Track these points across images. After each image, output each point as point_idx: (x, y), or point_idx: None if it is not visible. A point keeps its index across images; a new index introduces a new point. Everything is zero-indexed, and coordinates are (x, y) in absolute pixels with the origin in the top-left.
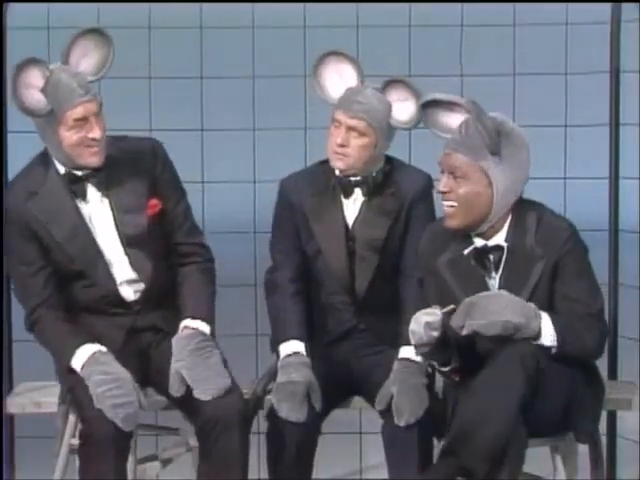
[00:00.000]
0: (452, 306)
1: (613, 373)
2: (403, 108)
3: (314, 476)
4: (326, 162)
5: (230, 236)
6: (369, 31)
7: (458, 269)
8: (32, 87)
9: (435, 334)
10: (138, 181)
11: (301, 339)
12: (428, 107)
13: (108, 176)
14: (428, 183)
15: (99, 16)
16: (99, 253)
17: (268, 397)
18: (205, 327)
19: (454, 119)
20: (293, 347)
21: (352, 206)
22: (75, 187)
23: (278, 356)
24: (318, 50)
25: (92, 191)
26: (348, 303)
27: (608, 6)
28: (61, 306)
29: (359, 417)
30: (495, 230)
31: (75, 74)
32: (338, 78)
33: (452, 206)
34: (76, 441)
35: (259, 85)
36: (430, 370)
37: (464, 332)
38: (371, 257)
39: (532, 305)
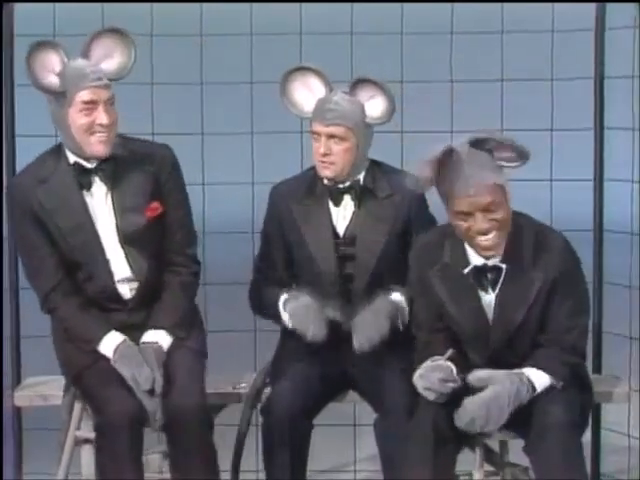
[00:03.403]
0: (451, 350)
1: (598, 367)
2: (374, 105)
3: (309, 467)
4: (315, 167)
5: (229, 236)
6: (363, 38)
7: (451, 282)
8: (48, 70)
9: (452, 385)
10: (142, 182)
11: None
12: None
13: (115, 173)
14: None
15: (103, 24)
16: (100, 248)
17: (266, 391)
18: (165, 337)
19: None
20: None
21: (342, 212)
22: (82, 178)
23: (284, 324)
24: (314, 56)
25: (98, 185)
26: (343, 306)
27: (593, 14)
28: (74, 291)
29: (353, 409)
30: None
31: (92, 64)
32: (308, 92)
33: (494, 235)
34: (81, 433)
35: (257, 90)
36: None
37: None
38: (369, 261)
39: (523, 379)
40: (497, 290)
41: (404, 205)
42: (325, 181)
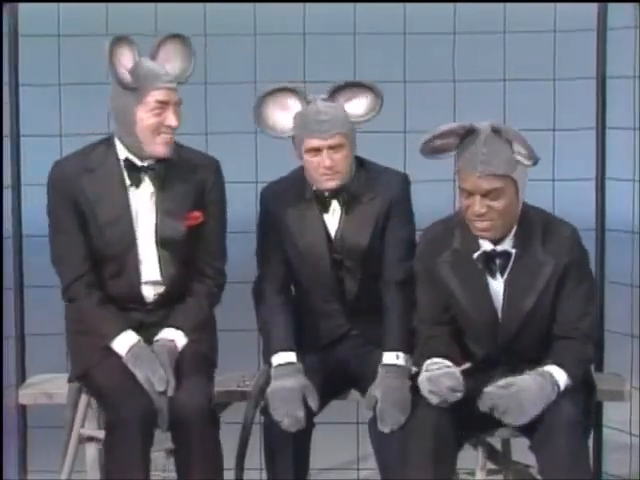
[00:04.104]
0: (468, 364)
1: (599, 365)
2: (356, 104)
3: (312, 466)
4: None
5: (233, 235)
6: (365, 38)
7: (460, 270)
8: (123, 66)
9: (459, 395)
10: (188, 189)
11: (291, 349)
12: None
13: (164, 175)
14: (404, 184)
15: (107, 24)
16: (134, 247)
17: (269, 389)
18: (181, 338)
19: (451, 141)
20: (285, 358)
21: (332, 217)
22: (132, 175)
23: (270, 366)
24: (316, 56)
25: (146, 184)
26: (340, 310)
27: (595, 14)
28: (98, 285)
29: (356, 407)
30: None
31: (163, 66)
32: (282, 112)
33: (489, 221)
34: (85, 431)
35: (261, 90)
36: (414, 371)
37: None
38: (356, 267)
39: (547, 377)
40: (506, 275)
41: (385, 205)
42: (314, 187)
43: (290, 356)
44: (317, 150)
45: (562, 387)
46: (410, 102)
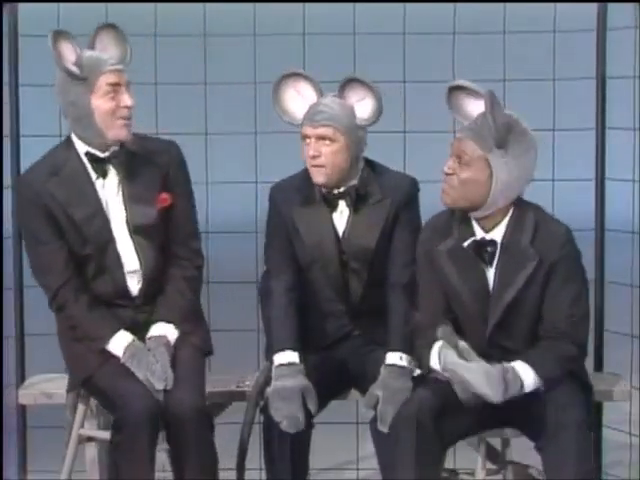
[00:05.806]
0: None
1: (599, 365)
2: (363, 106)
3: (312, 466)
4: None
5: (233, 235)
6: (365, 38)
7: (458, 259)
8: (66, 60)
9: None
10: (152, 175)
11: (294, 349)
12: (453, 91)
13: (127, 163)
14: (413, 188)
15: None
16: (111, 239)
17: (269, 389)
18: (172, 331)
19: (475, 107)
20: (287, 357)
21: (340, 218)
22: (97, 167)
23: (272, 364)
24: (316, 56)
25: (112, 174)
26: (344, 310)
27: (595, 14)
28: (84, 288)
29: (356, 407)
30: (495, 223)
31: (103, 53)
32: (300, 98)
33: (449, 184)
34: (85, 431)
35: (260, 90)
36: (416, 373)
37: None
38: (362, 268)
39: (508, 372)
40: (494, 264)
41: (393, 207)
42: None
43: (292, 356)
44: (308, 139)
45: (529, 385)
46: (410, 102)
